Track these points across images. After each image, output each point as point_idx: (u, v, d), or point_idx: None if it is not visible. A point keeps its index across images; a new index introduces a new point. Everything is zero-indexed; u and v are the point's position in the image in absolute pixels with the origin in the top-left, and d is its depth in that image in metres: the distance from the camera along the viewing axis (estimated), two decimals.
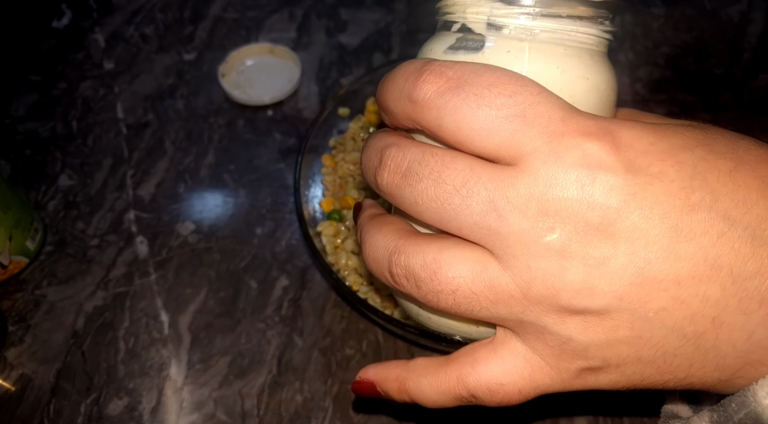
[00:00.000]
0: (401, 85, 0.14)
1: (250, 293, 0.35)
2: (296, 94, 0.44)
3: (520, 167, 0.13)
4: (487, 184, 0.13)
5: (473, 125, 0.13)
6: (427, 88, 0.14)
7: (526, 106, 0.13)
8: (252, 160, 0.41)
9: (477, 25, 0.15)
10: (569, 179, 0.13)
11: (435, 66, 0.14)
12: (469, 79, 0.13)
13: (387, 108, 0.15)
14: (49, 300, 0.34)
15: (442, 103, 0.13)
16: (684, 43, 0.48)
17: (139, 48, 0.48)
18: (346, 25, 0.49)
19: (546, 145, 0.13)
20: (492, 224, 0.13)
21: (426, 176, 0.14)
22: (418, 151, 0.14)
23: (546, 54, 0.15)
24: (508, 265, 0.13)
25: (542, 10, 0.14)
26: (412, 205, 0.14)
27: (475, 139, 0.13)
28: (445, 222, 0.14)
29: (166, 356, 0.32)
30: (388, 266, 0.15)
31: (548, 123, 0.13)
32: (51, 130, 0.43)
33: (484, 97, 0.13)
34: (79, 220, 0.38)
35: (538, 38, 0.15)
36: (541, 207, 0.13)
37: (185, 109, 0.44)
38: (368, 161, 0.16)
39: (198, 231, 0.37)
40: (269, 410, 0.31)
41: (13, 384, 0.31)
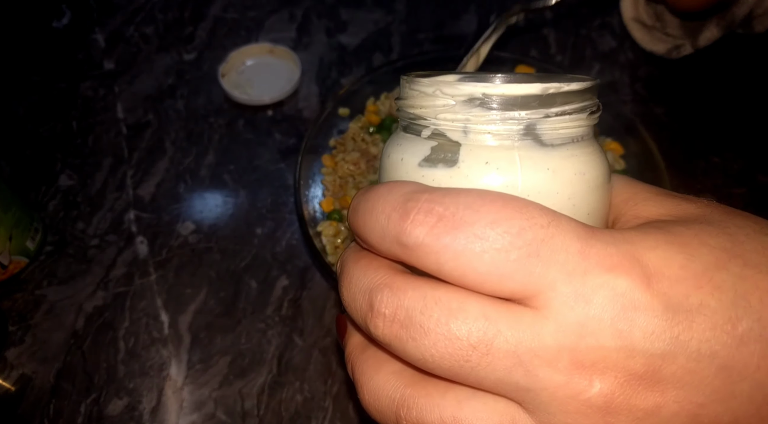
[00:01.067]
0: (384, 225, 0.12)
1: (251, 292, 0.35)
2: (296, 94, 0.44)
3: (543, 312, 0.11)
4: (508, 335, 0.11)
5: (480, 270, 0.11)
6: (418, 232, 0.12)
7: (539, 243, 0.11)
8: (252, 161, 0.41)
9: (453, 132, 0.13)
10: (603, 326, 0.11)
11: (421, 203, 0.12)
12: (466, 216, 0.11)
13: (367, 242, 0.13)
14: (49, 300, 0.34)
15: (440, 248, 0.11)
16: None
17: (139, 48, 0.48)
18: (346, 25, 0.49)
19: (569, 286, 0.11)
20: (520, 380, 0.11)
21: (432, 330, 0.12)
22: (418, 296, 0.12)
23: (536, 158, 0.13)
24: (543, 421, 0.12)
25: (528, 112, 0.13)
26: (419, 361, 0.12)
27: (485, 284, 0.12)
28: (462, 378, 0.12)
29: (166, 356, 0.32)
30: (396, 421, 0.13)
31: (567, 259, 0.11)
32: (51, 130, 0.43)
33: (488, 238, 0.11)
34: (79, 220, 0.38)
35: (525, 143, 0.13)
36: (575, 359, 0.11)
37: (185, 109, 0.44)
38: (353, 302, 0.13)
39: (198, 231, 0.37)
40: (269, 409, 0.31)
41: (13, 384, 0.31)
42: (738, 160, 0.41)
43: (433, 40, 0.48)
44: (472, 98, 0.13)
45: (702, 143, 0.42)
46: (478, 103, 0.13)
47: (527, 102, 0.13)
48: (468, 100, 0.13)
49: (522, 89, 0.12)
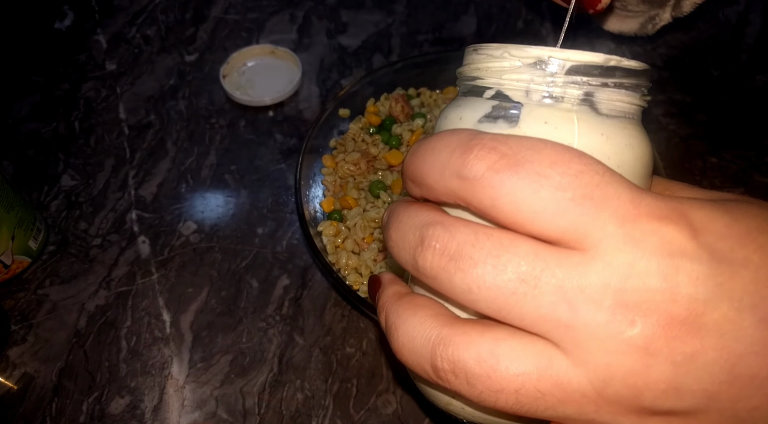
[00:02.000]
0: (445, 160, 0.13)
1: (252, 292, 0.35)
2: (297, 95, 0.45)
3: (590, 253, 0.12)
4: (556, 271, 0.12)
5: (535, 207, 0.12)
6: (480, 165, 0.12)
7: (594, 187, 0.12)
8: (253, 161, 0.41)
9: (515, 92, 0.14)
10: (650, 268, 0.11)
11: (486, 140, 0.12)
12: (528, 156, 0.12)
13: (423, 182, 0.13)
14: (52, 299, 0.35)
15: (499, 182, 0.12)
16: (682, 44, 0.48)
17: (141, 49, 0.48)
18: (346, 26, 0.49)
19: (619, 229, 0.12)
20: (563, 316, 0.12)
21: (482, 261, 0.12)
22: (469, 231, 0.12)
23: (592, 123, 0.14)
24: (580, 360, 0.12)
25: (590, 79, 0.13)
26: (464, 293, 0.12)
27: (537, 221, 0.12)
28: (504, 312, 0.12)
29: (168, 354, 0.33)
30: (430, 360, 0.13)
31: (618, 205, 0.12)
32: (53, 130, 0.43)
33: (547, 176, 0.12)
34: (81, 220, 0.38)
35: (582, 108, 0.14)
36: (619, 298, 0.11)
37: (187, 109, 0.44)
38: (402, 239, 0.13)
39: (200, 231, 0.38)
40: (270, 408, 0.31)
41: (15, 383, 0.32)
42: (736, 161, 0.41)
43: (432, 41, 0.48)
44: (538, 61, 0.13)
45: (700, 144, 0.42)
46: (543, 66, 0.13)
47: (589, 70, 0.13)
48: (534, 62, 0.13)
49: (586, 57, 0.13)
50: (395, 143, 0.38)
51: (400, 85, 0.41)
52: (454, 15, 0.50)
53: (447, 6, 0.51)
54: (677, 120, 0.43)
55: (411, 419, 0.30)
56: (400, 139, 0.38)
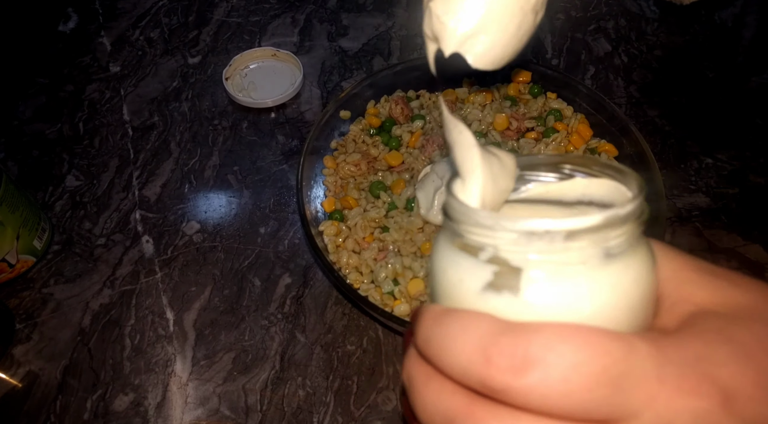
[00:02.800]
0: (466, 367, 0.13)
1: (254, 290, 0.35)
2: (298, 97, 0.45)
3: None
4: None
5: (567, 407, 0.12)
6: (503, 378, 0.12)
7: (620, 377, 0.12)
8: (255, 162, 0.42)
9: (515, 259, 0.13)
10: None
11: (503, 345, 0.12)
12: (549, 359, 0.12)
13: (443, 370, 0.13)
14: (56, 298, 0.35)
15: (528, 391, 0.12)
16: (677, 46, 0.49)
17: (145, 51, 0.48)
18: (347, 29, 0.50)
19: (651, 413, 0.12)
20: None
21: None
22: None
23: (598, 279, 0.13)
24: None
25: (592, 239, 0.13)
26: None
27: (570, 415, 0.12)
28: None
29: (171, 352, 0.33)
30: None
31: (647, 387, 0.12)
32: (58, 131, 0.43)
33: (572, 380, 0.12)
34: (85, 220, 0.39)
35: (587, 266, 0.13)
36: None
37: (190, 111, 0.45)
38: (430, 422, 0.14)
39: (203, 230, 0.38)
40: (272, 405, 0.31)
41: (20, 381, 0.32)
42: (731, 161, 0.41)
43: None
44: (533, 233, 0.13)
45: (695, 145, 0.42)
46: (539, 238, 0.13)
47: (589, 232, 0.13)
48: (529, 234, 0.13)
49: (585, 223, 0.13)
50: (395, 144, 0.38)
51: (400, 88, 0.41)
52: None
53: None
54: (673, 121, 0.44)
55: None
56: (400, 141, 0.39)
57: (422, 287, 0.31)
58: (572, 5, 0.52)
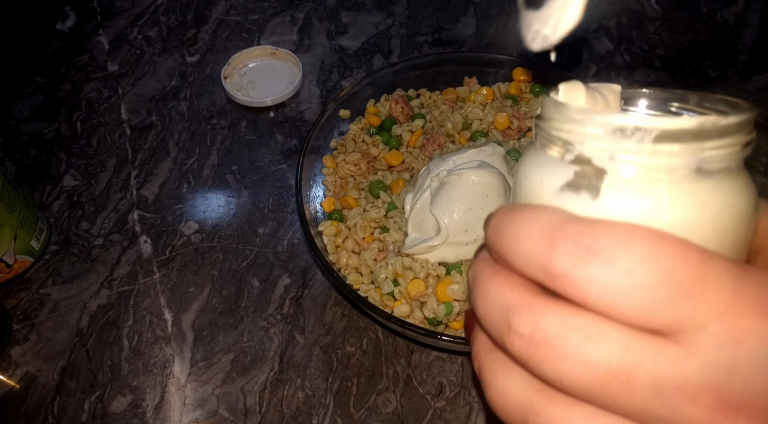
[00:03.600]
0: (530, 251, 0.12)
1: (253, 291, 0.35)
2: (298, 96, 0.45)
3: (688, 348, 0.11)
4: (649, 366, 0.11)
5: (627, 305, 0.11)
6: (565, 262, 0.12)
7: (690, 282, 0.11)
8: (254, 161, 0.41)
9: (600, 159, 0.13)
10: (754, 370, 0.11)
11: (570, 232, 0.12)
12: (616, 250, 0.11)
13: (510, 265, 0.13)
14: (54, 299, 0.35)
15: (588, 281, 0.11)
16: (680, 45, 0.48)
17: (143, 50, 0.48)
18: (346, 28, 0.50)
19: (719, 327, 0.11)
20: (659, 412, 0.11)
21: (570, 355, 0.12)
22: (556, 320, 0.12)
23: (684, 193, 0.12)
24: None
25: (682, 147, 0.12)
26: (553, 380, 0.12)
27: (630, 318, 0.11)
28: (597, 402, 0.12)
29: (170, 353, 0.33)
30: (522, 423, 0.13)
31: (719, 299, 0.11)
32: (55, 131, 0.43)
33: (637, 275, 0.11)
34: (83, 220, 0.38)
35: (673, 176, 0.12)
36: (721, 399, 0.11)
37: (188, 110, 0.44)
38: (490, 316, 0.13)
39: (201, 231, 0.38)
40: (271, 406, 0.31)
41: (17, 382, 0.32)
42: None
43: (432, 42, 0.49)
44: (623, 129, 0.12)
45: None
46: (629, 135, 0.12)
47: (681, 136, 0.12)
48: (619, 130, 0.12)
49: (677, 124, 0.12)
50: (395, 144, 0.38)
51: (400, 86, 0.41)
52: (453, 16, 0.50)
53: (446, 7, 0.51)
54: None
55: (411, 417, 0.30)
56: (400, 140, 0.38)
57: (422, 288, 0.31)
58: None
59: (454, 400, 0.31)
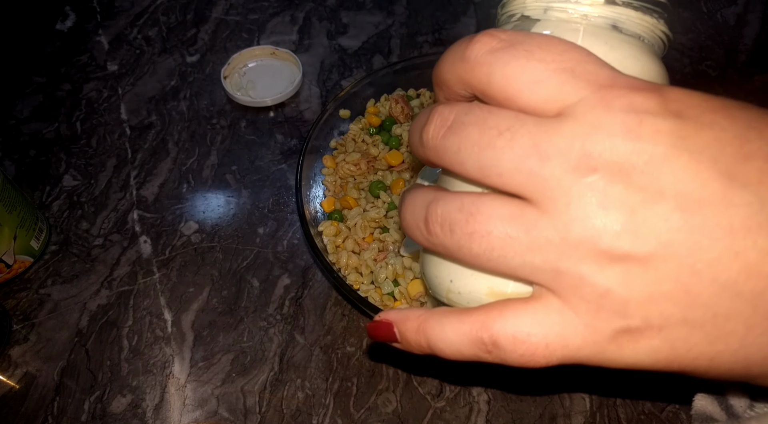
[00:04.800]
0: (455, 50, 0.15)
1: (253, 291, 0.35)
2: (297, 95, 0.45)
3: (565, 115, 0.13)
4: (532, 129, 0.13)
5: (522, 78, 0.13)
6: (479, 47, 0.14)
7: (575, 62, 0.13)
8: (254, 161, 0.41)
9: (535, 11, 0.16)
10: (615, 122, 0.12)
11: (488, 30, 0.14)
12: (521, 39, 0.14)
13: (442, 78, 0.15)
14: (54, 299, 0.35)
15: (493, 60, 0.14)
16: (680, 44, 0.48)
17: (143, 50, 0.48)
18: (346, 27, 0.50)
19: (593, 94, 0.13)
20: (533, 166, 0.13)
21: (471, 123, 0.14)
22: (466, 104, 0.14)
23: (598, 35, 0.15)
24: (547, 208, 0.13)
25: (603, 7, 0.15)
26: (454, 155, 0.14)
27: (524, 92, 0.13)
28: (486, 169, 0.13)
29: (170, 353, 0.33)
30: (424, 216, 0.15)
31: (596, 77, 0.13)
32: (55, 131, 0.43)
33: (534, 53, 0.13)
34: (83, 220, 0.38)
35: (592, 21, 0.15)
36: (585, 150, 0.12)
37: (188, 110, 0.44)
38: (416, 124, 0.16)
39: (201, 231, 0.38)
40: (271, 407, 0.31)
41: (17, 382, 0.32)
42: None
43: (432, 42, 0.49)
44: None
45: None
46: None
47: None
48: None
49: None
50: (395, 144, 0.38)
51: (400, 86, 0.41)
52: (453, 16, 0.50)
53: (447, 7, 0.51)
54: None
55: (411, 417, 0.30)
56: (400, 140, 0.38)
57: (422, 288, 0.31)
58: None
59: (454, 400, 0.31)
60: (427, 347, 0.16)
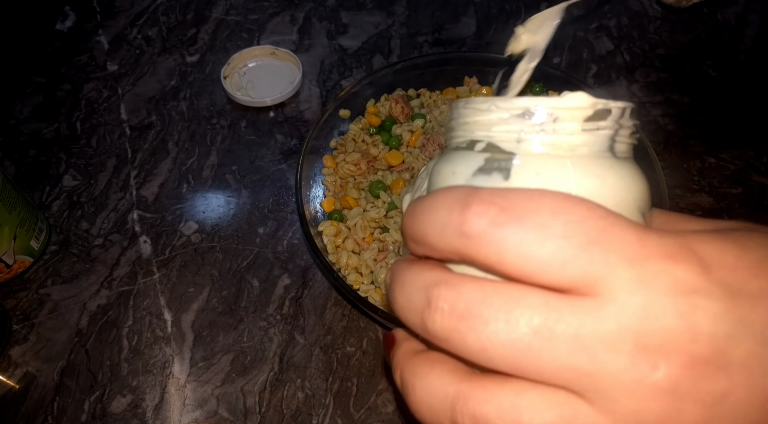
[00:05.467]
0: (445, 218, 0.12)
1: (253, 291, 0.35)
2: (297, 95, 0.45)
3: (603, 298, 0.11)
4: (570, 320, 0.11)
5: (543, 257, 0.11)
6: (480, 222, 0.12)
7: (599, 231, 0.12)
8: (254, 161, 0.41)
9: (507, 143, 0.14)
10: (666, 309, 0.11)
11: (483, 195, 0.12)
12: (528, 206, 0.12)
13: (425, 241, 0.13)
14: (53, 299, 0.35)
15: (503, 237, 0.12)
16: (680, 44, 0.48)
17: (143, 50, 0.48)
18: (346, 27, 0.50)
19: (630, 271, 0.11)
20: (582, 365, 0.11)
21: (494, 319, 0.12)
22: (476, 288, 0.12)
23: (585, 167, 0.14)
24: (606, 409, 0.11)
25: (581, 125, 0.14)
26: (479, 353, 0.12)
27: (546, 272, 0.12)
28: (522, 368, 0.12)
29: (169, 353, 0.33)
30: (450, 416, 0.12)
31: (626, 247, 0.11)
32: (55, 131, 0.43)
33: (550, 226, 0.12)
34: (83, 220, 0.38)
35: (575, 152, 0.14)
36: (639, 342, 0.11)
37: (188, 110, 0.44)
38: (408, 301, 0.13)
39: (201, 231, 0.38)
40: (271, 407, 0.31)
41: (17, 382, 0.32)
42: (734, 161, 0.41)
43: (432, 42, 0.49)
44: (526, 112, 0.13)
45: (698, 144, 0.42)
46: (531, 117, 0.13)
47: (577, 116, 0.13)
48: (522, 113, 0.14)
49: (573, 102, 0.13)
50: (395, 144, 0.38)
51: (400, 86, 0.41)
52: (453, 16, 0.50)
53: (447, 7, 0.51)
54: (675, 120, 0.43)
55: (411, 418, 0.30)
56: (400, 140, 0.38)
57: None
58: (574, 3, 0.51)
59: None
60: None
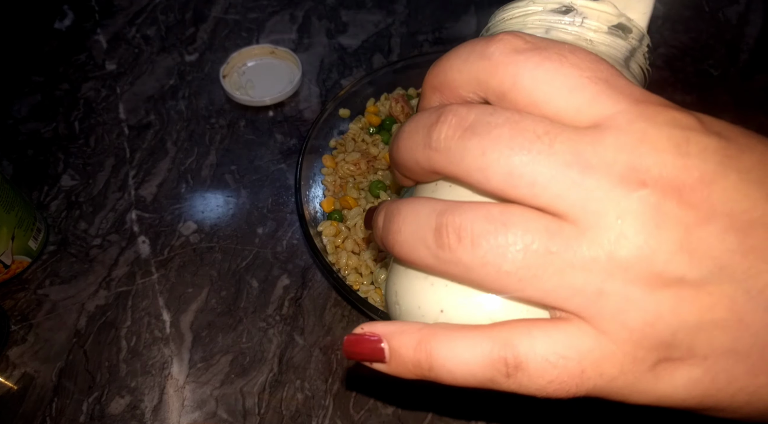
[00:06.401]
0: (470, 48, 0.13)
1: (252, 292, 0.35)
2: (297, 95, 0.45)
3: (605, 124, 0.12)
4: (572, 135, 0.12)
5: (555, 83, 0.12)
6: (503, 46, 0.13)
7: (609, 73, 0.12)
8: (253, 161, 0.41)
9: (537, 30, 0.16)
10: (661, 136, 0.11)
11: (508, 32, 0.13)
12: (548, 43, 0.13)
13: (446, 78, 0.14)
14: (52, 299, 0.35)
15: (522, 59, 0.12)
16: (682, 44, 0.48)
17: (141, 49, 0.48)
18: (346, 26, 0.49)
19: (633, 106, 0.12)
20: (575, 176, 0.11)
21: (500, 124, 0.12)
22: (486, 105, 0.13)
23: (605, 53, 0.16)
24: (590, 224, 0.11)
25: (602, 25, 0.15)
26: (474, 159, 0.12)
27: (555, 97, 0.12)
28: (516, 177, 0.12)
29: (168, 354, 0.33)
30: (435, 226, 0.12)
31: (631, 91, 0.12)
32: (53, 130, 0.43)
33: (567, 57, 0.12)
34: (81, 220, 0.38)
35: (597, 48, 0.15)
36: (631, 163, 0.11)
37: (187, 110, 0.44)
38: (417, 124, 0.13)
39: (200, 231, 0.38)
40: (270, 408, 0.31)
41: (15, 383, 0.32)
42: None
43: (432, 41, 0.48)
44: (558, 7, 0.16)
45: None
46: (562, 11, 0.16)
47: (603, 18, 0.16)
48: (554, 9, 0.16)
49: (603, 8, 0.16)
50: None
51: (400, 85, 0.41)
52: (454, 15, 0.50)
53: (447, 6, 0.51)
54: None
55: (411, 419, 0.30)
56: None
57: None
58: None
59: None
60: (427, 367, 0.13)
